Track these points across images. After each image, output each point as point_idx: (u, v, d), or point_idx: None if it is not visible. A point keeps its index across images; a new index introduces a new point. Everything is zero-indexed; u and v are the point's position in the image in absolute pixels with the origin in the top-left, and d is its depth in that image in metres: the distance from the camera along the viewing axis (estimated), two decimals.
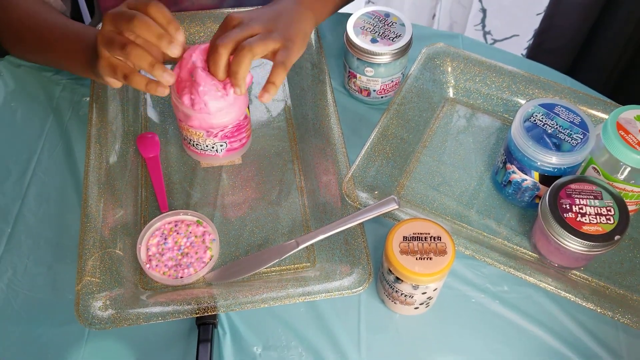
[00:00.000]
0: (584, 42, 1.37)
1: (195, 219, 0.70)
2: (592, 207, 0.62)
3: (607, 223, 0.61)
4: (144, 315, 0.60)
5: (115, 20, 0.62)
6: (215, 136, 0.71)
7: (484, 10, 1.50)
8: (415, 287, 0.59)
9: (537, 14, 1.40)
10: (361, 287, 0.62)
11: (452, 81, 0.83)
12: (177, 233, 0.68)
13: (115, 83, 0.66)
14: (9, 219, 0.71)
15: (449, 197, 0.74)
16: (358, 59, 0.78)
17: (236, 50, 0.64)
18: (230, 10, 0.88)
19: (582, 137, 0.65)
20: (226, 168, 0.76)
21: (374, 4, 1.59)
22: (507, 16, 1.49)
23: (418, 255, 0.58)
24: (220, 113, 0.68)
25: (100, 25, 0.76)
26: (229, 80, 0.65)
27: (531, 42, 1.46)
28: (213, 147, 0.73)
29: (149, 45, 0.62)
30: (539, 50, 1.45)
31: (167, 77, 0.61)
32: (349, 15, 0.81)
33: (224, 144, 0.73)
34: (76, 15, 1.00)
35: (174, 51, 0.61)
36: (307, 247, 0.68)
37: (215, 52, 0.64)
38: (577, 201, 0.62)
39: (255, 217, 0.72)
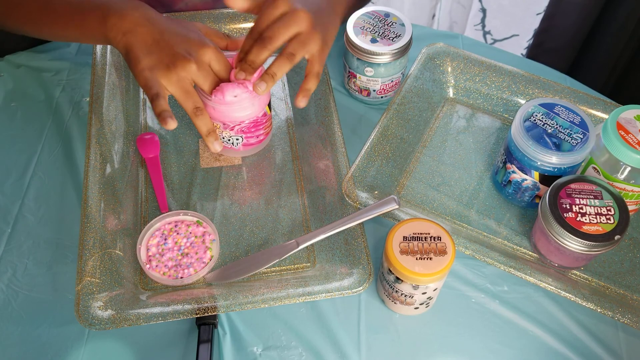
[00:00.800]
0: (583, 42, 1.37)
1: (195, 219, 0.70)
2: (592, 207, 0.62)
3: (607, 223, 0.61)
4: (144, 315, 0.60)
5: (191, 71, 0.63)
6: (232, 129, 0.71)
7: (483, 10, 1.50)
8: (415, 287, 0.59)
9: (537, 14, 1.40)
10: (361, 287, 0.62)
11: (452, 81, 0.83)
12: (177, 233, 0.68)
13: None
14: (8, 219, 0.71)
15: (449, 197, 0.74)
16: (358, 59, 0.78)
17: (281, 53, 0.64)
18: (227, 10, 0.87)
19: (582, 136, 0.65)
20: (226, 168, 0.76)
21: (373, 3, 1.59)
22: (507, 16, 1.49)
23: (418, 255, 0.58)
24: (237, 107, 0.67)
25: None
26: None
27: (531, 42, 1.46)
28: (229, 140, 0.73)
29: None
30: (538, 50, 1.45)
31: (216, 146, 0.66)
32: None
33: (240, 138, 0.73)
34: None
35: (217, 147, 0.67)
36: (307, 247, 0.68)
37: (259, 47, 0.64)
38: (577, 201, 0.62)
39: (255, 217, 0.72)
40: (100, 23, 0.67)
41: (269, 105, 0.73)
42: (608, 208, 0.62)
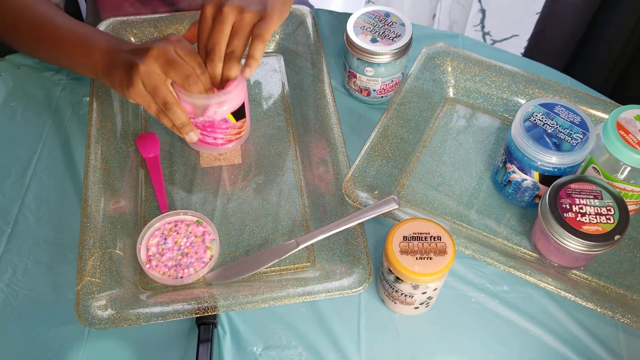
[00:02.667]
0: (582, 42, 1.37)
1: (195, 219, 0.70)
2: (592, 207, 0.62)
3: (607, 223, 0.61)
4: (144, 315, 0.60)
5: (165, 64, 0.64)
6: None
7: (483, 11, 1.51)
8: (415, 287, 0.59)
9: (537, 13, 1.40)
10: (361, 287, 0.62)
11: (452, 81, 0.83)
12: (177, 233, 0.68)
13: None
14: (9, 219, 0.71)
15: (449, 196, 0.74)
16: (358, 58, 0.78)
17: (227, 54, 0.67)
18: None
19: (582, 136, 0.65)
20: (226, 168, 0.76)
21: (374, 3, 1.59)
22: (506, 17, 1.49)
23: (418, 255, 0.58)
24: (183, 101, 0.68)
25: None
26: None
27: (528, 42, 1.46)
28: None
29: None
30: (535, 51, 1.44)
31: (192, 136, 0.68)
32: (349, 15, 0.81)
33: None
34: (74, 10, 1.00)
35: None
36: (307, 247, 0.68)
37: (212, 61, 0.67)
38: (577, 201, 0.62)
39: (255, 217, 0.72)
40: (87, 59, 0.71)
41: (238, 116, 0.73)
42: (608, 208, 0.62)
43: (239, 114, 0.73)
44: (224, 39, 0.67)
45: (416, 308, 0.64)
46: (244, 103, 0.72)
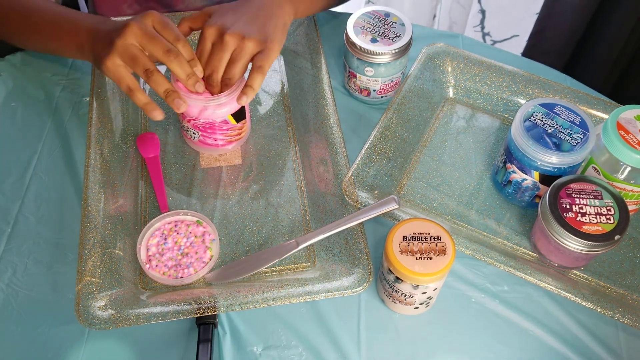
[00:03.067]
0: (582, 42, 1.37)
1: (195, 219, 0.70)
2: (592, 207, 0.62)
3: (607, 223, 0.61)
4: (144, 315, 0.60)
5: (142, 38, 0.64)
6: (188, 121, 0.72)
7: (483, 12, 1.51)
8: (415, 287, 0.59)
9: (536, 14, 1.40)
10: (361, 287, 0.62)
11: (452, 81, 0.83)
12: (177, 233, 0.68)
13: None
14: (8, 219, 0.71)
15: (449, 196, 0.74)
16: (358, 58, 0.78)
17: (223, 82, 0.68)
18: None
19: (582, 136, 0.65)
20: (226, 168, 0.76)
21: (373, 3, 1.59)
22: (506, 17, 1.49)
23: (418, 255, 0.58)
24: (190, 100, 0.69)
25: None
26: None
27: (526, 42, 1.46)
28: (188, 131, 0.74)
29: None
30: (534, 51, 1.44)
31: (179, 104, 0.65)
32: (349, 15, 0.81)
33: (197, 133, 0.74)
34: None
35: (199, 89, 0.66)
36: (307, 247, 0.68)
37: (212, 86, 0.68)
38: (577, 201, 0.62)
39: (255, 217, 0.72)
40: (74, 40, 0.71)
41: (238, 117, 0.73)
42: (608, 208, 0.62)
43: (239, 115, 0.73)
44: (222, 66, 0.68)
45: (416, 308, 0.64)
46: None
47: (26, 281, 0.67)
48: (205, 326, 0.62)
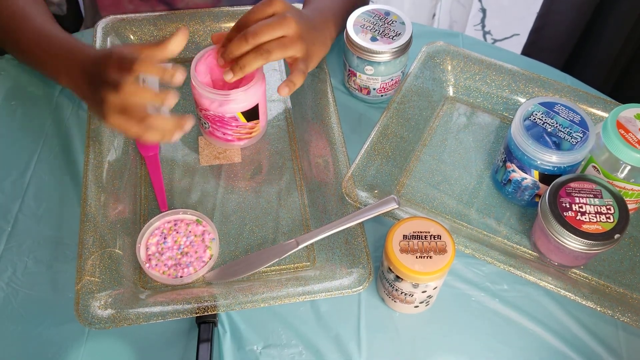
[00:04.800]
0: (582, 40, 1.37)
1: (195, 218, 0.69)
2: (592, 206, 0.62)
3: (607, 222, 0.61)
4: (144, 314, 0.60)
5: (120, 114, 0.61)
6: (200, 110, 0.73)
7: (483, 10, 1.50)
8: (415, 286, 0.59)
9: (537, 12, 1.40)
10: (361, 287, 0.62)
11: (452, 80, 0.83)
12: (177, 232, 0.68)
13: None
14: (8, 218, 0.71)
15: (449, 195, 0.74)
16: (358, 57, 0.78)
17: (256, 48, 0.66)
18: (227, 9, 0.87)
19: (582, 135, 0.65)
20: (226, 167, 0.76)
21: (374, 2, 1.59)
22: (507, 16, 1.49)
23: (418, 254, 0.58)
24: (202, 92, 0.69)
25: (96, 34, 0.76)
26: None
27: (526, 40, 1.46)
28: (200, 119, 0.75)
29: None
30: (533, 49, 1.44)
31: (189, 125, 0.62)
32: None
33: (207, 124, 0.74)
34: (75, 12, 1.00)
35: (179, 79, 0.61)
36: (307, 246, 0.68)
37: (241, 39, 0.65)
38: (577, 200, 0.62)
39: (255, 217, 0.72)
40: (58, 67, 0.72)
41: (249, 117, 0.73)
42: (608, 207, 0.62)
43: (250, 114, 0.73)
44: (265, 35, 0.66)
45: (416, 307, 0.64)
46: (257, 105, 0.72)
47: (26, 280, 0.67)
48: (205, 325, 0.62)
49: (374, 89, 0.82)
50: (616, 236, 0.60)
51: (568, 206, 0.62)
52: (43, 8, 0.80)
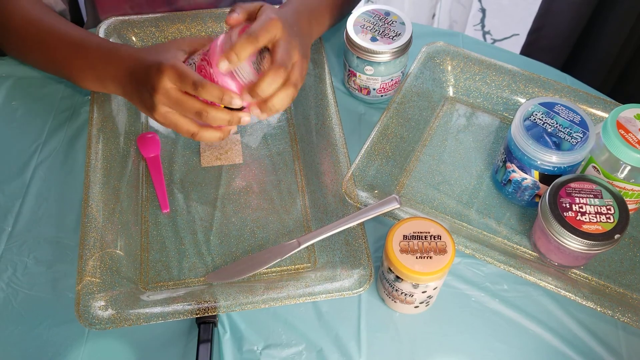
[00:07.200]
0: (582, 40, 1.37)
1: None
2: (592, 206, 0.62)
3: (607, 222, 0.61)
4: (144, 315, 0.60)
5: (174, 106, 0.64)
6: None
7: (483, 10, 1.50)
8: (415, 286, 0.59)
9: (536, 13, 1.40)
10: (362, 288, 0.62)
11: (452, 80, 0.83)
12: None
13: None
14: (9, 218, 0.71)
15: (449, 196, 0.74)
16: (358, 57, 0.78)
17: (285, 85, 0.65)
18: (228, 9, 0.88)
19: (582, 135, 0.65)
20: (226, 168, 0.76)
21: (374, 2, 1.59)
22: (507, 16, 1.49)
23: (418, 254, 0.58)
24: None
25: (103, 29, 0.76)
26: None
27: (525, 40, 1.46)
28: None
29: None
30: (532, 49, 1.44)
31: (245, 121, 0.67)
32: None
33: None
34: (75, 14, 1.00)
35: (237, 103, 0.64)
36: (307, 247, 0.68)
37: (251, 40, 0.62)
38: (577, 200, 0.62)
39: (256, 217, 0.72)
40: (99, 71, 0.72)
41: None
42: (608, 207, 0.62)
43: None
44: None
45: (416, 307, 0.64)
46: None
47: (26, 280, 0.67)
48: (205, 325, 0.62)
49: (374, 89, 0.82)
50: (616, 236, 0.60)
51: (568, 206, 0.62)
52: (53, 12, 0.80)
